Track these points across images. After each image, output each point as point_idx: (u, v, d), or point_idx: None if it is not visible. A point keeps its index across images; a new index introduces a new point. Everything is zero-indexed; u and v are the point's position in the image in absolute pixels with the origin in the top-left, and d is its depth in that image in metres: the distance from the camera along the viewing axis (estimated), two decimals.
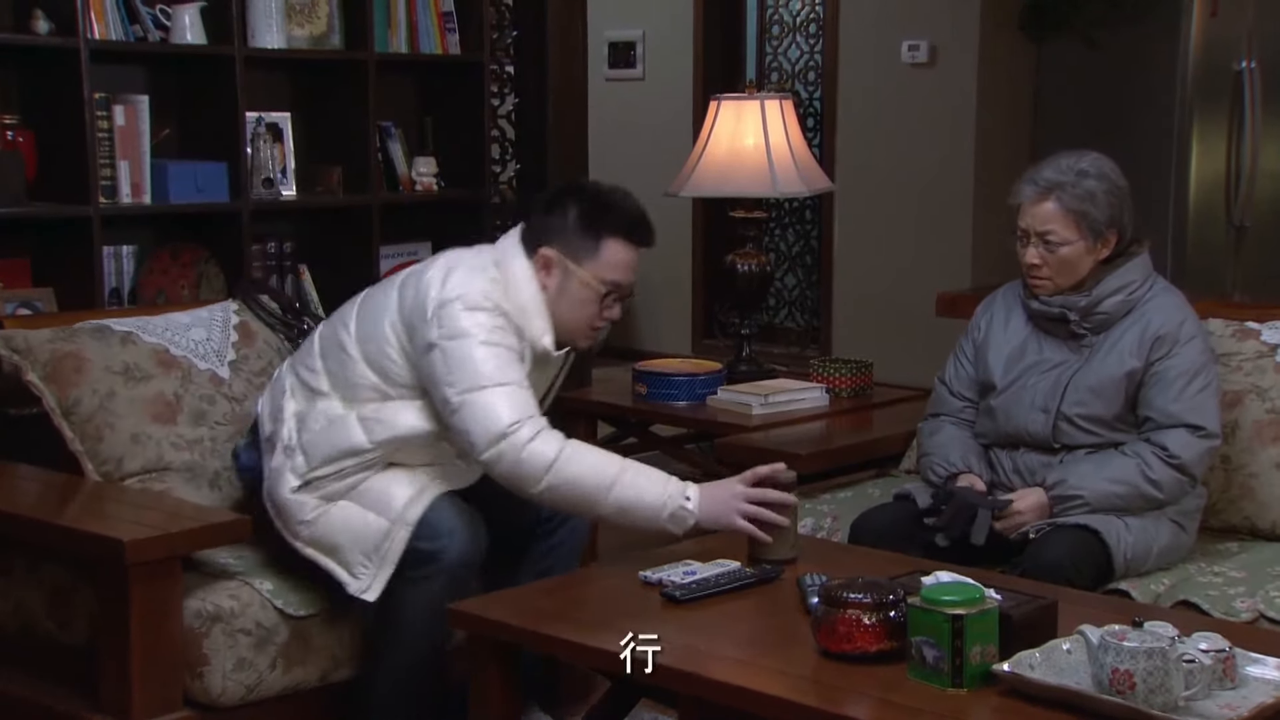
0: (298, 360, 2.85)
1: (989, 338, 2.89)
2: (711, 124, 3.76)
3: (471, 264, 2.73)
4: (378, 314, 2.76)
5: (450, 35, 4.34)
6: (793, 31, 6.83)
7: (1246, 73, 5.96)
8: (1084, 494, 2.63)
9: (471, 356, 2.56)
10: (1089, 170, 2.76)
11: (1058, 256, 2.73)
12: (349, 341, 2.76)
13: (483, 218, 4.37)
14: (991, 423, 2.83)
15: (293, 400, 2.77)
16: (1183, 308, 2.75)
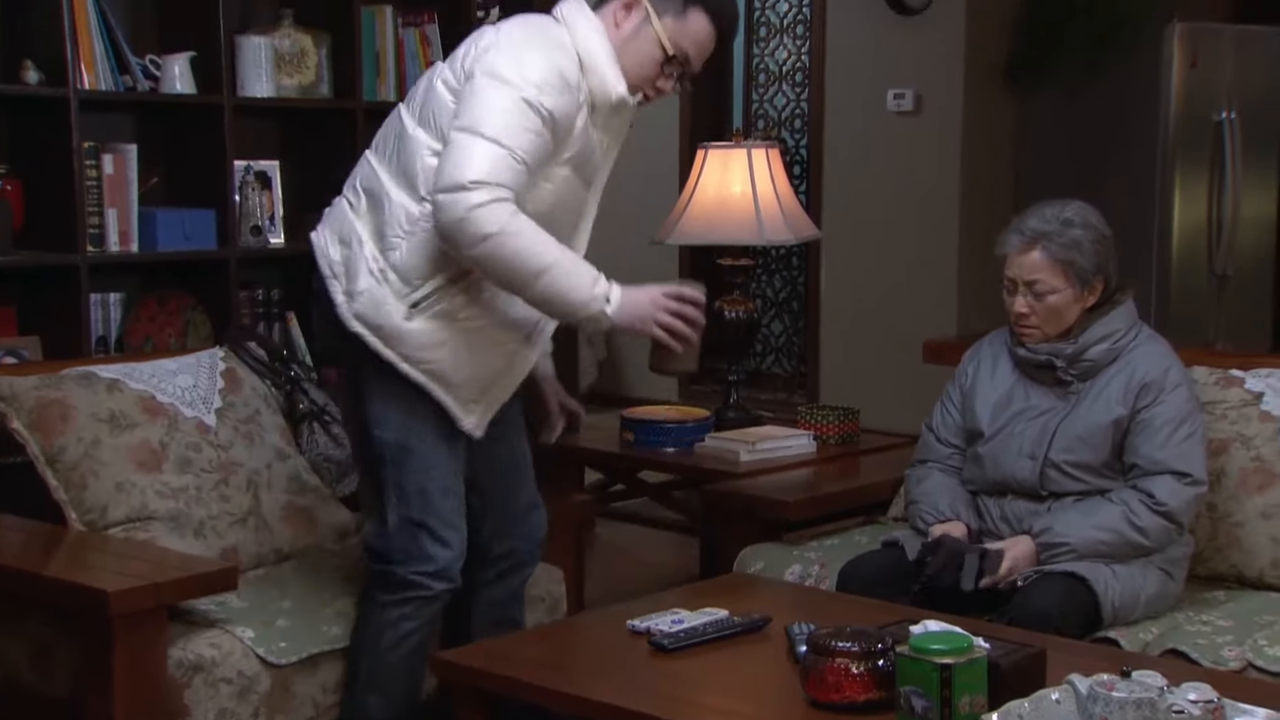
0: (353, 180, 2.73)
1: (976, 385, 2.90)
2: (699, 172, 3.78)
3: (530, 23, 2.63)
4: (429, 83, 2.65)
5: None
6: (779, 80, 6.88)
7: (1226, 123, 6.03)
8: (1071, 542, 2.63)
9: (491, 102, 2.46)
10: (1074, 219, 2.78)
11: (1045, 305, 2.75)
12: (409, 122, 2.63)
13: None
14: (979, 470, 2.84)
15: (362, 218, 2.64)
16: (1167, 355, 2.77)
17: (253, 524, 3.03)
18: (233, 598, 2.70)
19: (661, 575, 4.30)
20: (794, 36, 6.79)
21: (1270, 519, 2.75)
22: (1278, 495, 2.76)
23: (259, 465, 3.11)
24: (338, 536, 3.15)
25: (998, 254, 2.83)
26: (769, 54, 6.89)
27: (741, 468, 3.42)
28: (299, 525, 3.09)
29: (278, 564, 3.03)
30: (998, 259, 2.84)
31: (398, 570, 2.64)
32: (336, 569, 2.98)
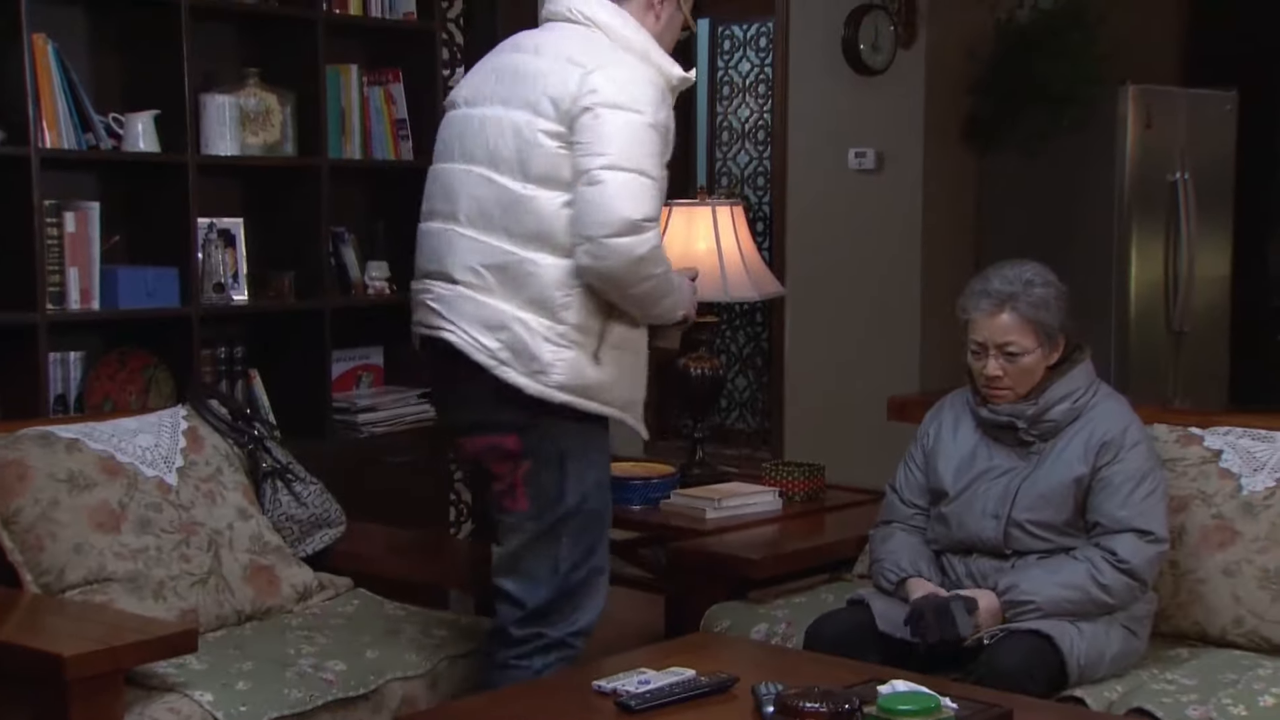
0: (460, 264, 2.61)
1: (938, 445, 2.91)
2: (664, 229, 3.79)
3: (590, 40, 2.61)
4: (519, 140, 2.56)
5: (404, 142, 4.37)
6: (742, 138, 6.94)
7: (1180, 183, 6.13)
8: (1037, 600, 2.64)
9: (624, 135, 2.46)
10: (1035, 279, 2.81)
11: (1018, 366, 2.77)
12: (514, 186, 2.55)
13: None
14: (944, 529, 2.84)
15: (504, 298, 2.57)
16: (1126, 413, 2.79)
17: (213, 584, 2.99)
18: (192, 660, 2.66)
19: (626, 633, 4.27)
20: (756, 96, 6.86)
21: (1232, 576, 2.76)
22: (1239, 552, 2.77)
23: (220, 525, 3.08)
24: (299, 597, 3.11)
25: (963, 318, 2.83)
26: (732, 112, 6.95)
27: (708, 525, 3.41)
28: (261, 586, 3.06)
29: (239, 625, 3.00)
30: (962, 323, 2.84)
31: (551, 633, 2.65)
32: (299, 629, 2.95)
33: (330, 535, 3.26)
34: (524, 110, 2.59)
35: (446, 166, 2.77)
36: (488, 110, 2.67)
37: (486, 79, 2.74)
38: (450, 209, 2.70)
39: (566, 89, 2.54)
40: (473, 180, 2.64)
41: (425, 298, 2.76)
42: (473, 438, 2.71)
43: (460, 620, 3.01)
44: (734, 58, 6.93)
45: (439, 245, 2.73)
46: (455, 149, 2.74)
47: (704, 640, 2.80)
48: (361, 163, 4.28)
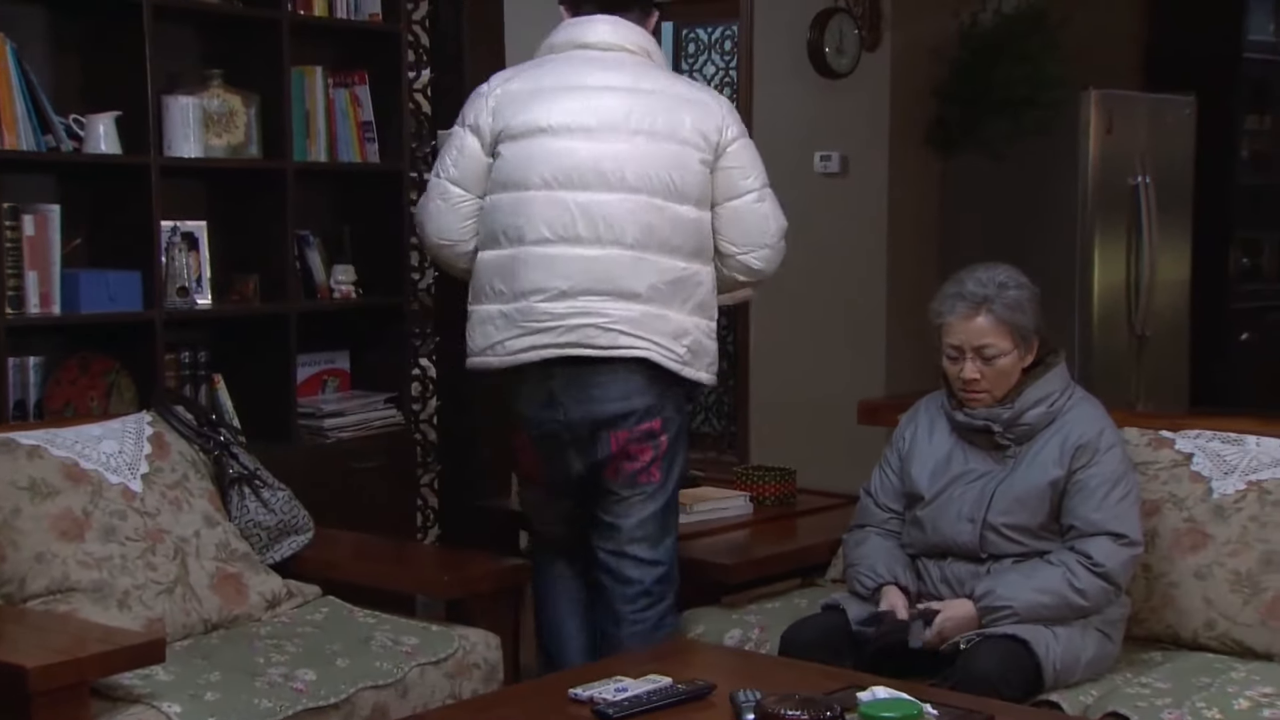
0: (637, 285, 2.94)
1: (914, 449, 2.90)
2: None
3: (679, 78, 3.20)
4: (683, 172, 2.97)
5: (369, 145, 4.33)
6: None
7: (1141, 187, 6.17)
8: (1013, 605, 2.63)
9: (758, 160, 3.14)
10: (1009, 281, 2.81)
11: (995, 369, 2.76)
12: (683, 209, 2.98)
13: (403, 325, 4.34)
14: (919, 533, 2.84)
15: (678, 307, 2.99)
16: (1102, 417, 2.79)
17: (180, 593, 2.95)
18: (159, 670, 2.62)
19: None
20: None
21: (1203, 579, 2.77)
22: (1210, 556, 2.78)
23: (187, 532, 3.04)
24: (268, 605, 3.08)
25: (937, 322, 2.83)
26: None
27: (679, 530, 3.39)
28: (228, 594, 3.02)
29: (206, 634, 2.96)
30: (935, 327, 2.84)
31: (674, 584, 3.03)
32: (267, 638, 2.91)
33: (298, 542, 3.23)
34: (673, 143, 2.97)
35: (569, 195, 2.95)
36: (621, 145, 2.94)
37: (581, 113, 2.96)
38: (599, 233, 2.94)
39: (711, 123, 3.01)
40: (640, 207, 2.94)
41: (586, 319, 2.94)
42: (619, 431, 2.97)
43: (431, 628, 2.98)
44: (699, 60, 6.93)
45: (594, 267, 2.93)
46: (575, 177, 2.95)
47: (678, 646, 2.79)
48: (327, 165, 4.23)
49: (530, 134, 2.96)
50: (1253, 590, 2.71)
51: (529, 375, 2.97)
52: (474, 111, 3.07)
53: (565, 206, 2.92)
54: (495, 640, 2.98)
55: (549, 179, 2.93)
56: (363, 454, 4.15)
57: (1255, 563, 2.73)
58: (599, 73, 2.98)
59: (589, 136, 2.93)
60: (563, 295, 2.91)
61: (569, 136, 2.93)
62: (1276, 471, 2.80)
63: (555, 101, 2.97)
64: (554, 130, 2.94)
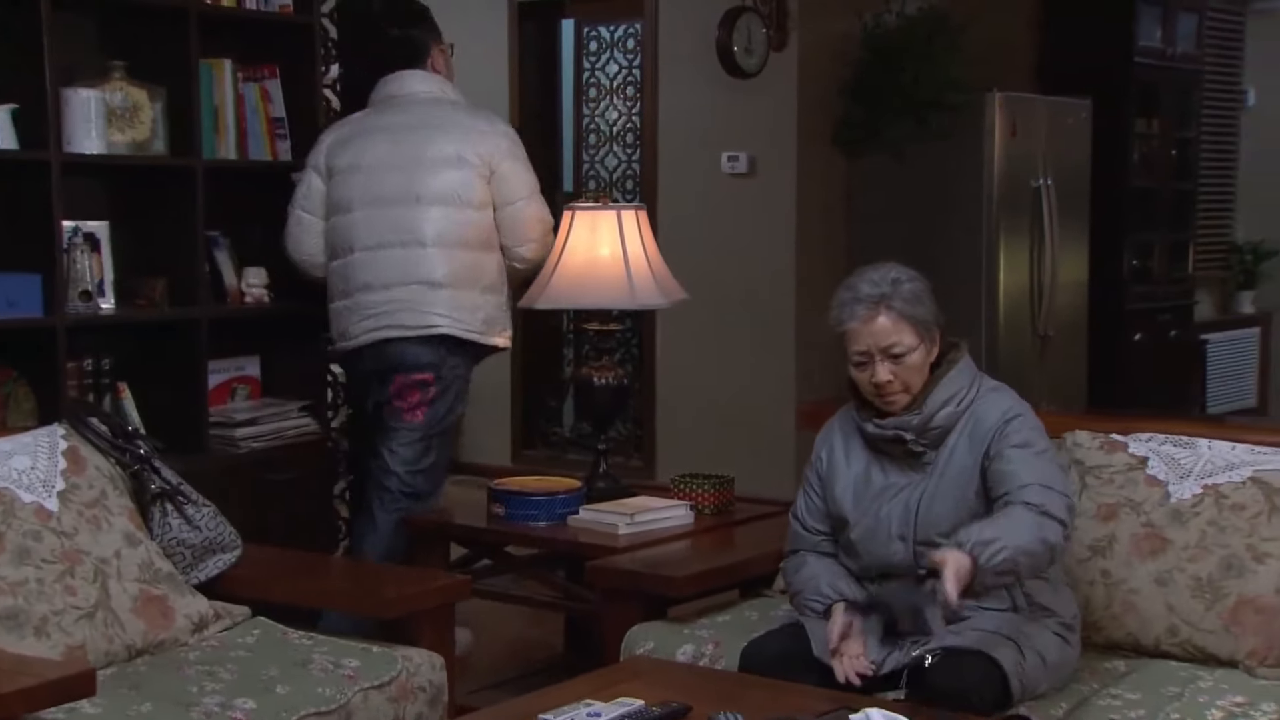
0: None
1: (832, 471, 2.81)
2: (566, 234, 3.68)
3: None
4: (448, 176, 3.88)
5: (281, 142, 4.16)
6: (610, 141, 6.84)
7: (1043, 189, 6.24)
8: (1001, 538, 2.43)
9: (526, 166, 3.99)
10: (901, 277, 2.74)
11: (906, 366, 2.69)
12: (456, 211, 3.89)
13: (317, 330, 4.17)
14: (856, 558, 2.76)
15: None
16: (1005, 399, 2.71)
17: (102, 618, 2.78)
18: (84, 704, 2.44)
19: (527, 654, 4.15)
20: (624, 98, 6.77)
21: (1164, 585, 2.75)
22: (1170, 561, 2.76)
23: (107, 553, 2.86)
24: (195, 629, 2.91)
25: (839, 330, 2.74)
26: (599, 115, 6.85)
27: (621, 541, 3.30)
28: (153, 618, 2.85)
29: (130, 661, 2.78)
30: (838, 336, 2.75)
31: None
32: (198, 664, 2.75)
33: (225, 561, 3.06)
34: (458, 164, 3.88)
35: (379, 211, 3.94)
36: (420, 170, 3.91)
37: (388, 148, 3.93)
38: (403, 238, 3.91)
39: (486, 146, 3.87)
40: (435, 215, 3.90)
41: (400, 305, 3.88)
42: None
43: (372, 649, 2.83)
44: (601, 59, 6.83)
45: (403, 263, 3.89)
46: (384, 198, 3.93)
47: (643, 665, 2.69)
48: (237, 163, 4.06)
49: (351, 170, 3.89)
50: (1214, 596, 2.70)
51: (365, 352, 3.88)
52: (314, 154, 3.99)
53: (379, 221, 3.82)
54: (439, 661, 2.86)
55: (366, 200, 3.85)
56: (277, 465, 3.99)
57: (1215, 568, 2.72)
58: (402, 115, 3.92)
59: (393, 167, 3.84)
60: (383, 287, 3.80)
61: (380, 169, 3.85)
62: (1232, 475, 2.80)
63: (369, 142, 3.89)
64: (367, 166, 3.87)
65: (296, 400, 4.14)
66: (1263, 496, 2.75)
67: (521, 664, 4.05)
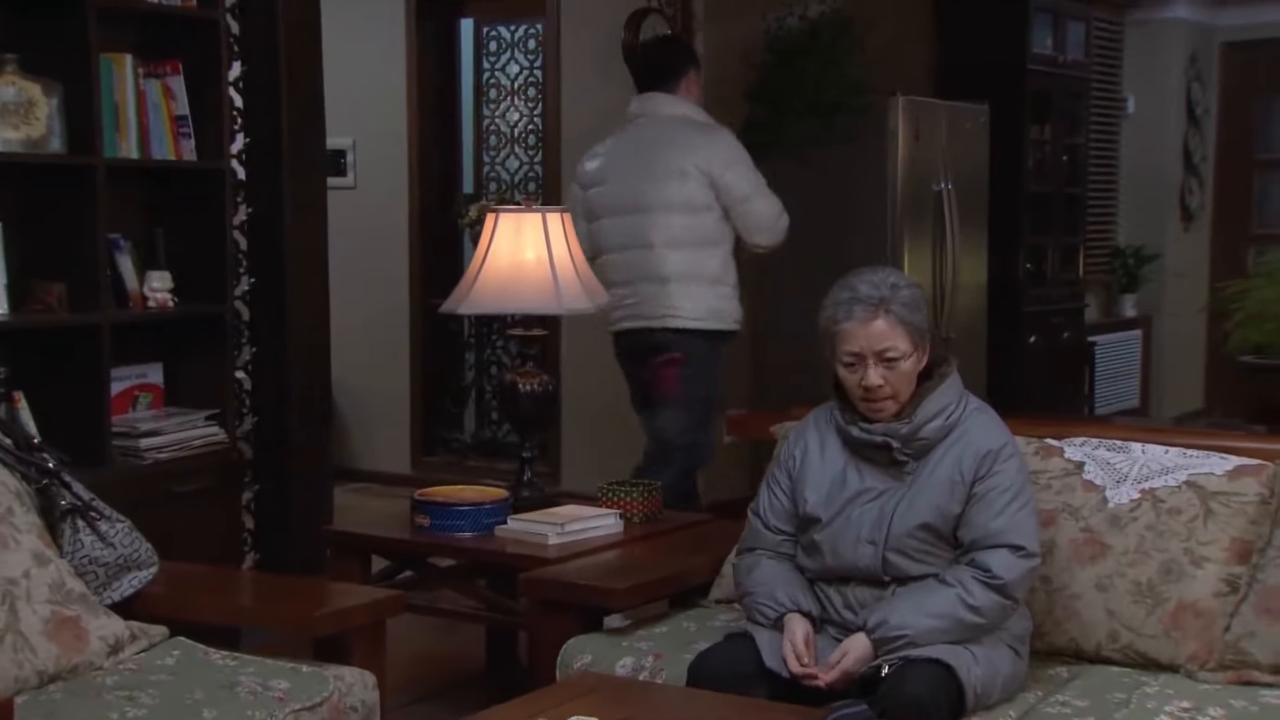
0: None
1: (805, 469, 2.78)
2: (490, 237, 3.59)
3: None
4: (671, 186, 4.52)
5: (185, 141, 4.01)
6: (511, 142, 6.75)
7: (945, 193, 6.28)
8: (908, 633, 2.54)
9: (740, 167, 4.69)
10: (899, 282, 2.72)
11: (897, 372, 2.67)
12: (679, 216, 4.58)
13: (224, 335, 4.03)
14: (818, 558, 2.72)
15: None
16: (1001, 426, 2.74)
17: (11, 643, 2.62)
18: None
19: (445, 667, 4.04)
20: (526, 99, 6.68)
21: (1105, 591, 2.75)
22: (1110, 566, 2.76)
23: (15, 573, 2.71)
24: (111, 651, 2.76)
25: (832, 329, 2.71)
26: (499, 116, 6.75)
27: (552, 551, 3.22)
28: (66, 641, 2.70)
29: (43, 688, 2.63)
30: (830, 335, 2.72)
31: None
32: (116, 689, 2.60)
33: (141, 579, 2.92)
34: (680, 175, 4.55)
35: (617, 220, 4.65)
36: (654, 181, 4.59)
37: (625, 164, 4.64)
38: (635, 241, 4.63)
39: (704, 159, 4.53)
40: (660, 220, 4.60)
41: (638, 299, 4.58)
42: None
43: (301, 669, 2.72)
44: (501, 60, 6.73)
45: (638, 263, 4.58)
46: (618, 208, 4.63)
47: (594, 682, 2.61)
48: (139, 162, 3.90)
49: (598, 182, 4.57)
50: (1155, 601, 2.71)
51: (622, 338, 4.63)
52: (579, 167, 4.73)
53: (619, 227, 4.49)
54: (371, 679, 2.75)
55: (609, 210, 4.52)
56: (183, 476, 3.84)
57: (1155, 572, 2.73)
58: (643, 132, 4.55)
59: (628, 179, 4.49)
60: (626, 284, 4.45)
61: (618, 181, 4.51)
62: (1167, 479, 2.81)
63: (613, 158, 4.57)
64: (610, 178, 4.54)
65: (202, 409, 3.99)
66: (1198, 501, 2.77)
67: (441, 678, 3.94)
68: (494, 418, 6.80)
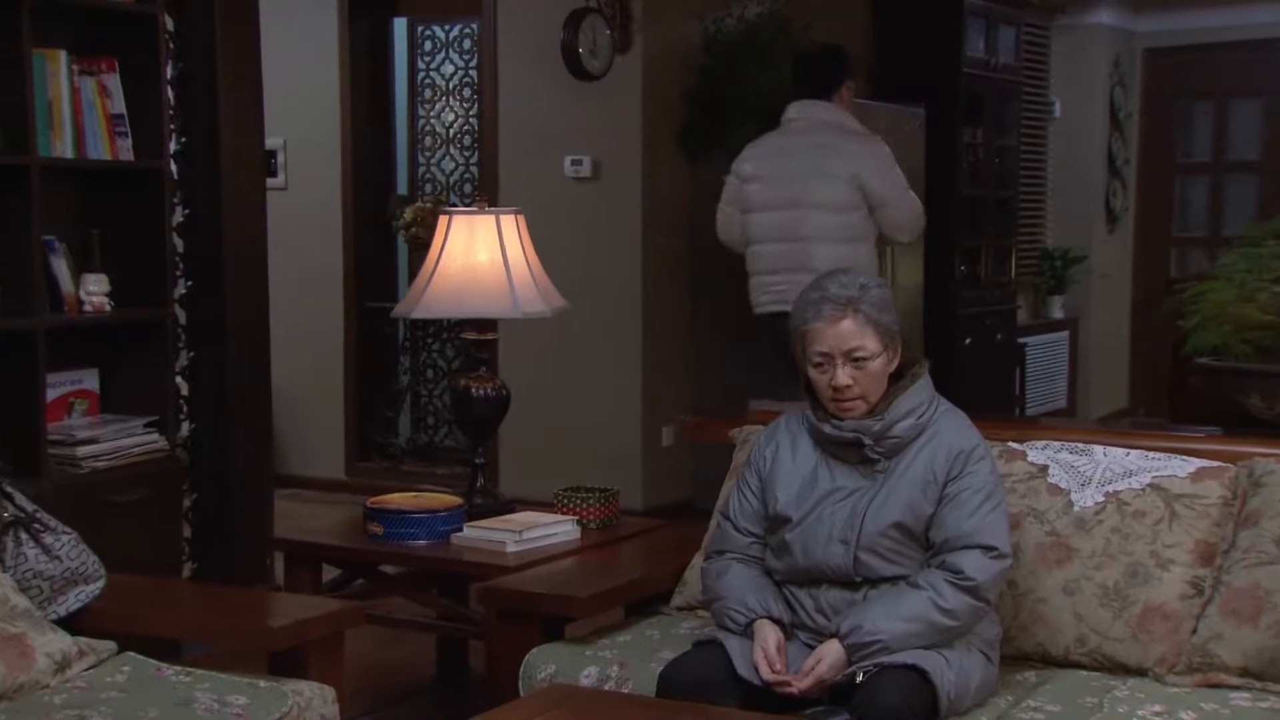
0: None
1: (776, 469, 2.75)
2: (443, 240, 3.52)
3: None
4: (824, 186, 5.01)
5: (121, 140, 3.89)
6: (446, 143, 6.67)
7: None
8: (881, 638, 2.52)
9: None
10: (869, 283, 2.71)
11: (867, 372, 2.65)
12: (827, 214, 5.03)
13: (163, 340, 3.92)
14: (788, 558, 2.70)
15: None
16: (972, 427, 2.73)
17: None
18: None
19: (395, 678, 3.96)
20: (461, 99, 6.61)
21: (1072, 595, 2.74)
22: (1077, 570, 2.76)
23: None
24: (58, 668, 2.66)
25: (802, 329, 2.69)
26: (435, 116, 6.67)
27: (510, 560, 3.16)
28: (10, 659, 2.60)
29: None
30: (799, 335, 2.70)
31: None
32: (65, 708, 2.51)
33: (88, 593, 2.82)
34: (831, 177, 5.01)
35: (771, 215, 5.10)
36: (807, 181, 5.05)
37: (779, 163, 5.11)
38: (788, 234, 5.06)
39: (856, 163, 5.01)
40: (810, 216, 5.03)
41: (788, 288, 4.66)
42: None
43: (259, 684, 2.64)
44: (436, 59, 6.65)
45: (789, 254, 5.02)
46: (773, 203, 5.08)
47: (565, 693, 2.55)
48: (74, 162, 3.78)
49: (754, 179, 5.03)
50: (1122, 604, 2.71)
51: (771, 321, 4.84)
52: (737, 162, 5.14)
53: (771, 221, 4.96)
54: (331, 694, 2.68)
55: (763, 205, 4.99)
56: (122, 486, 3.73)
57: (1121, 575, 2.73)
58: (797, 137, 5.00)
59: (782, 179, 4.95)
60: (771, 272, 4.93)
61: (773, 179, 4.98)
62: (1131, 482, 2.82)
63: (769, 157, 5.03)
64: (764, 177, 5.01)
65: (141, 415, 3.88)
66: (1163, 503, 2.77)
67: (392, 688, 3.86)
68: (430, 422, 6.71)
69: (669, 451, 6.17)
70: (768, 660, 2.56)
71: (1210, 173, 9.52)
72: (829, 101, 5.03)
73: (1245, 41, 9.00)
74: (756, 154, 5.06)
